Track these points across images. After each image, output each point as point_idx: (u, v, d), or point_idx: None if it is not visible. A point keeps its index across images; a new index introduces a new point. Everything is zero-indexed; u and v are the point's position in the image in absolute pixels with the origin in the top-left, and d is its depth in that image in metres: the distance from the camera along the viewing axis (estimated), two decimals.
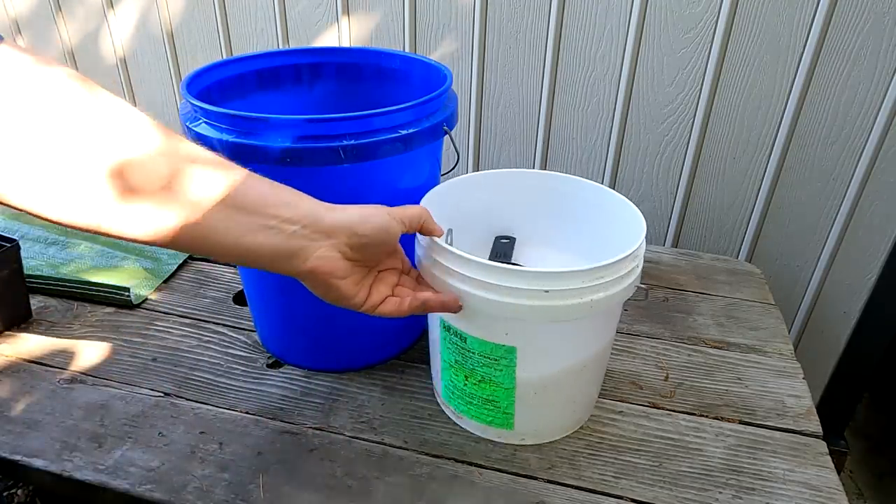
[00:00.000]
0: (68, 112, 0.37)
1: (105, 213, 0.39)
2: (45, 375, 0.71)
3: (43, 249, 0.94)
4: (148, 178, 0.40)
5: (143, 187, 0.40)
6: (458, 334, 0.59)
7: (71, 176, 0.38)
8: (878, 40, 0.85)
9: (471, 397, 0.62)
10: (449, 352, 0.61)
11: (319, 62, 0.77)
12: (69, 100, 0.37)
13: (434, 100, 0.61)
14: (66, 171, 0.37)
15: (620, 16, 0.94)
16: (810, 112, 0.92)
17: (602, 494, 0.59)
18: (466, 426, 0.65)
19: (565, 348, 0.59)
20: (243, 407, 0.68)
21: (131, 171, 0.39)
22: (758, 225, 1.03)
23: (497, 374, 0.59)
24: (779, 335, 0.81)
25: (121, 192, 0.39)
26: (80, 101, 0.38)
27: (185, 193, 0.42)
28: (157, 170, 0.40)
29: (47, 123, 0.36)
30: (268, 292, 0.71)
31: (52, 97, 0.37)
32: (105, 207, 0.39)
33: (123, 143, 0.39)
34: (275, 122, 0.55)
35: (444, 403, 0.67)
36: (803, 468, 0.62)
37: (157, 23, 1.16)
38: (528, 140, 1.07)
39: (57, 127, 0.37)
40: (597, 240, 0.69)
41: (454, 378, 0.62)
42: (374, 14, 1.05)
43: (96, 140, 0.38)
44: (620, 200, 0.66)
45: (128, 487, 0.58)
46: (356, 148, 0.55)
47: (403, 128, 0.58)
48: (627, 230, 0.62)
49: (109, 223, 0.40)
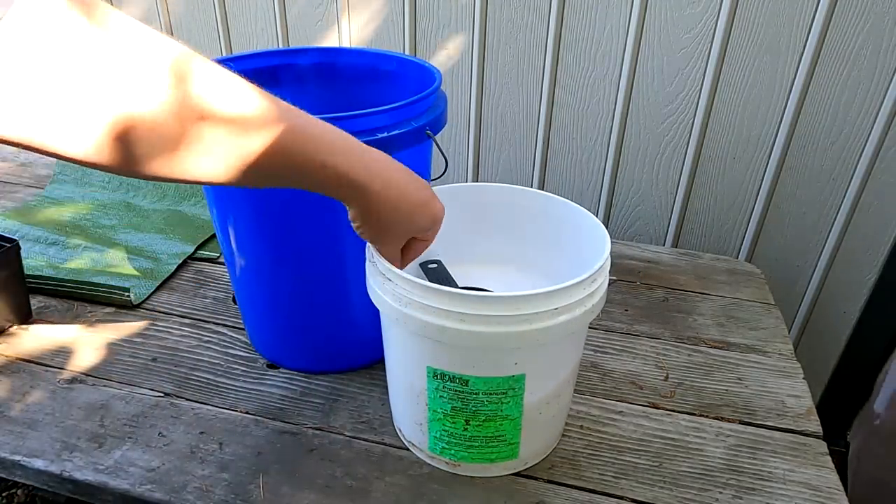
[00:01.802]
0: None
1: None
2: (45, 375, 0.71)
3: (43, 249, 0.94)
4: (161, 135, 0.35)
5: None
6: (455, 379, 0.54)
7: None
8: (878, 40, 0.85)
9: (472, 441, 0.57)
10: (442, 401, 0.56)
11: (316, 62, 0.77)
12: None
13: (416, 103, 0.59)
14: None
15: (620, 16, 0.94)
16: (810, 112, 0.92)
17: (602, 494, 0.59)
18: (465, 472, 0.60)
19: (566, 357, 0.58)
20: (243, 407, 0.68)
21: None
22: (758, 225, 1.03)
23: (504, 407, 0.55)
24: (779, 335, 0.81)
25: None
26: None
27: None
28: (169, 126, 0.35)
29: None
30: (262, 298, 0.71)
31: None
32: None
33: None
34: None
35: (431, 457, 0.61)
36: (803, 468, 0.62)
37: (158, 23, 1.16)
38: (527, 140, 1.07)
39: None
40: (531, 245, 0.67)
41: (450, 427, 0.57)
42: (374, 14, 1.05)
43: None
44: (547, 198, 0.64)
45: (128, 487, 0.58)
46: None
47: (381, 131, 0.57)
48: (566, 230, 0.61)
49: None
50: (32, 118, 0.31)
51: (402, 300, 0.51)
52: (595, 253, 0.55)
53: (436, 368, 0.54)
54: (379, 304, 0.54)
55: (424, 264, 0.66)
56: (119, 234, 0.99)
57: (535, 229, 0.67)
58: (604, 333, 0.81)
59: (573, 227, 0.62)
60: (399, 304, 0.51)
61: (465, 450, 0.58)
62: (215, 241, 0.98)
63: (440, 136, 0.64)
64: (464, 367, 0.53)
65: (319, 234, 0.63)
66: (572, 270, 0.53)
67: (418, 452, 0.62)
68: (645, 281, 0.92)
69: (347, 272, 0.65)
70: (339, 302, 0.69)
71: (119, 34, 0.33)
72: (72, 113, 0.32)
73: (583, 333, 0.60)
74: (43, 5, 0.30)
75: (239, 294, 0.75)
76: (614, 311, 0.85)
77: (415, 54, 1.05)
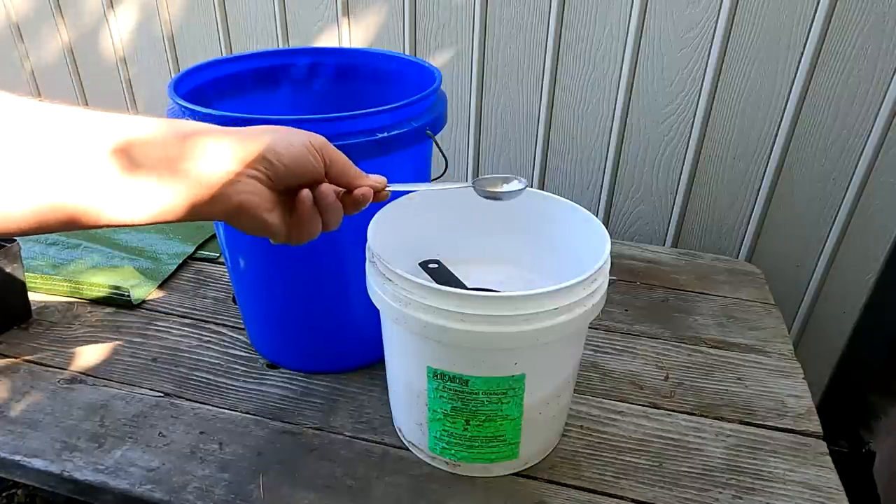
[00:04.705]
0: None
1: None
2: (45, 375, 0.71)
3: (43, 249, 0.94)
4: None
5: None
6: (455, 379, 0.53)
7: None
8: (878, 40, 0.85)
9: (472, 441, 0.57)
10: (442, 401, 0.56)
11: (316, 62, 0.77)
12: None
13: (416, 103, 0.59)
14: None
15: (620, 16, 0.94)
16: (810, 112, 0.92)
17: (602, 494, 0.59)
18: (465, 472, 0.60)
19: (566, 357, 0.58)
20: (243, 407, 0.68)
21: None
22: (758, 225, 1.03)
23: (504, 407, 0.55)
24: (779, 335, 0.81)
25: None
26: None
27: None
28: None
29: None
30: (262, 298, 0.71)
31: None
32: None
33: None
34: (252, 122, 0.54)
35: (431, 457, 0.61)
36: (803, 468, 0.62)
37: (157, 23, 1.16)
38: (527, 141, 1.07)
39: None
40: (531, 245, 0.67)
41: (450, 427, 0.57)
42: (374, 14, 1.05)
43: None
44: (547, 198, 0.64)
45: (128, 487, 0.58)
46: None
47: (381, 131, 0.57)
48: (566, 230, 0.61)
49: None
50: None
51: (402, 300, 0.51)
52: (595, 253, 0.55)
53: (436, 368, 0.54)
54: (379, 304, 0.54)
55: (425, 264, 0.66)
56: (119, 233, 0.99)
57: (535, 229, 0.66)
58: (604, 333, 0.81)
59: (573, 227, 0.62)
60: (399, 304, 0.51)
61: (465, 450, 0.58)
62: (215, 241, 0.98)
63: (440, 135, 0.64)
64: (464, 367, 0.53)
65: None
66: (572, 270, 0.53)
67: (418, 452, 0.62)
68: (645, 281, 0.92)
69: (347, 272, 0.65)
70: (339, 302, 0.69)
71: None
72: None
73: (583, 333, 0.60)
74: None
75: (239, 294, 0.75)
76: (614, 311, 0.85)
77: (415, 54, 1.05)
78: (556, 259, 0.65)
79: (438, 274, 0.65)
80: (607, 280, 0.55)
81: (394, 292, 0.51)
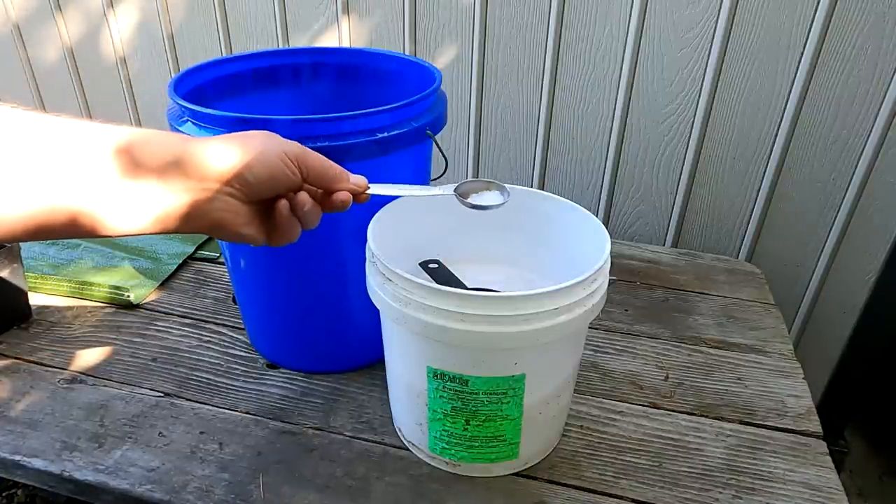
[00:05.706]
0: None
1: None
2: (45, 375, 0.71)
3: (43, 249, 0.94)
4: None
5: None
6: (455, 379, 0.53)
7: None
8: (878, 40, 0.85)
9: (472, 441, 0.58)
10: (442, 401, 0.56)
11: (316, 62, 0.77)
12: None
13: (416, 103, 0.59)
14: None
15: (620, 16, 0.94)
16: (810, 112, 0.92)
17: (602, 494, 0.59)
18: (465, 472, 0.60)
19: (566, 357, 0.58)
20: (243, 407, 0.68)
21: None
22: (758, 225, 1.03)
23: (504, 407, 0.55)
24: (779, 335, 0.81)
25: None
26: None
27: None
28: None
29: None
30: (261, 298, 0.71)
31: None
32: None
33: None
34: (251, 122, 0.54)
35: (431, 457, 0.61)
36: (803, 468, 0.62)
37: (157, 22, 1.16)
38: (527, 141, 1.07)
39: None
40: (531, 245, 0.67)
41: (450, 427, 0.57)
42: (374, 15, 1.05)
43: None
44: (546, 198, 0.64)
45: (128, 487, 0.58)
46: (328, 150, 0.52)
47: (381, 131, 0.56)
48: (566, 230, 0.61)
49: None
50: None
51: (402, 300, 0.51)
52: (595, 253, 0.55)
53: (436, 368, 0.54)
54: (379, 304, 0.54)
55: (425, 264, 0.66)
56: None
57: (534, 229, 0.66)
58: (604, 333, 0.81)
59: (573, 227, 0.62)
60: (399, 304, 0.51)
61: (466, 450, 0.58)
62: (215, 241, 0.98)
63: (440, 135, 0.64)
64: (464, 367, 0.53)
65: (319, 233, 0.63)
66: (572, 270, 0.53)
67: (418, 452, 0.62)
68: (645, 281, 0.92)
69: (347, 272, 0.65)
70: (339, 302, 0.69)
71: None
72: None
73: (583, 333, 0.60)
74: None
75: (239, 294, 0.75)
76: (614, 311, 0.85)
77: (415, 54, 1.05)
78: (556, 259, 0.65)
79: (438, 274, 0.65)
80: (607, 280, 0.55)
81: (394, 292, 0.51)
